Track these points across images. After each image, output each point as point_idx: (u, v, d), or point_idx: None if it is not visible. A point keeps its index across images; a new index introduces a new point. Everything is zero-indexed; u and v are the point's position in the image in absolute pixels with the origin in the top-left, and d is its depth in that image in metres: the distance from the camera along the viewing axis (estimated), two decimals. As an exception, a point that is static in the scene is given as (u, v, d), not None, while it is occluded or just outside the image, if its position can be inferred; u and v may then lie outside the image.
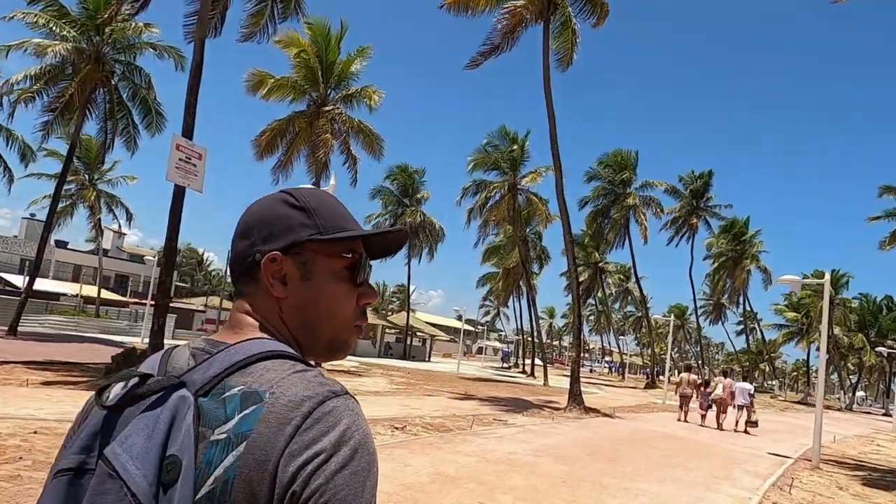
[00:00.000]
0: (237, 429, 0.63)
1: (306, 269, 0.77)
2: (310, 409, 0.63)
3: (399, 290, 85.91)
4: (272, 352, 0.70)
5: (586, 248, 50.35)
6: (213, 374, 0.67)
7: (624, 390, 34.05)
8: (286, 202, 0.78)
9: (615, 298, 65.69)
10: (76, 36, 20.42)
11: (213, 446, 0.62)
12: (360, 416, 0.67)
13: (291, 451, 0.62)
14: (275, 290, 0.76)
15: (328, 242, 0.77)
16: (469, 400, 17.01)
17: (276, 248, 0.76)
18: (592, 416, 15.21)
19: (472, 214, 30.26)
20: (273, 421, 0.63)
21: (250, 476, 0.61)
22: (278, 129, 24.18)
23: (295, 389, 0.65)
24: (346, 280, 0.78)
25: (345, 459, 0.62)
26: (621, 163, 40.08)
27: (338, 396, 0.66)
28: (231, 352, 0.70)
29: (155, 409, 0.65)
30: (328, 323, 0.78)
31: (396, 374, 25.11)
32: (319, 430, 0.63)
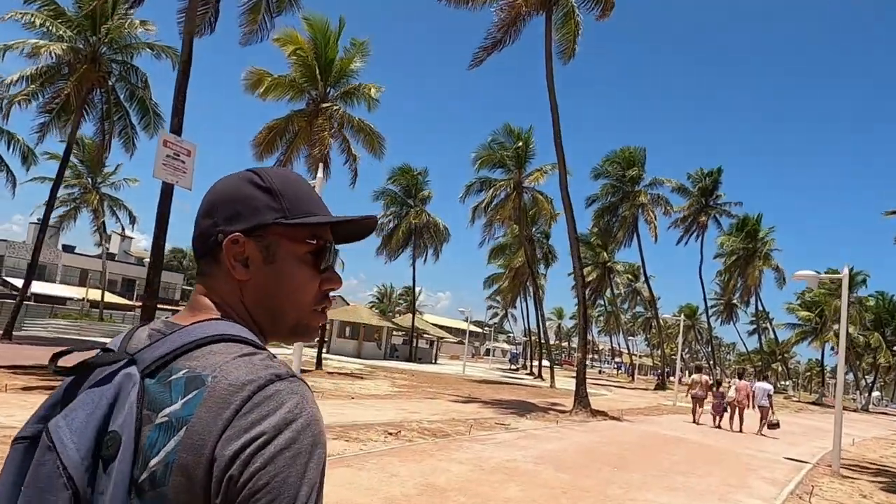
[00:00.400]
0: (179, 413, 0.62)
1: (269, 252, 0.75)
2: (250, 393, 0.62)
3: (406, 292, 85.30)
4: (221, 335, 0.69)
5: (594, 248, 49.70)
6: (161, 355, 0.66)
7: (633, 392, 33.36)
8: (252, 182, 0.76)
9: (624, 299, 64.89)
10: (72, 36, 20.16)
11: (156, 429, 0.62)
12: (305, 399, 0.65)
13: (229, 435, 0.61)
14: (236, 273, 0.74)
15: (293, 227, 0.75)
16: (472, 403, 16.49)
17: (239, 229, 0.74)
18: (599, 420, 14.63)
19: (476, 213, 29.73)
20: (212, 405, 0.62)
21: (188, 460, 0.60)
22: (277, 129, 23.81)
23: (237, 373, 0.64)
24: (310, 265, 0.77)
25: (286, 442, 0.61)
26: (629, 159, 39.41)
27: (281, 380, 0.64)
28: (183, 333, 0.69)
29: (102, 385, 0.65)
30: (290, 307, 0.77)
31: (400, 376, 24.63)
32: (259, 414, 0.61)
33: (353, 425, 9.97)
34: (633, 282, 62.89)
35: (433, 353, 46.02)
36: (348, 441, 8.48)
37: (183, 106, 12.80)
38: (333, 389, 16.13)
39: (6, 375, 11.40)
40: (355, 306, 39.87)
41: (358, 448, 8.04)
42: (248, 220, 0.74)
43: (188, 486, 0.60)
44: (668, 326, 67.17)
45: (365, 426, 10.02)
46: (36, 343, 19.76)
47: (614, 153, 40.14)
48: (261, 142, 23.69)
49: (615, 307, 57.09)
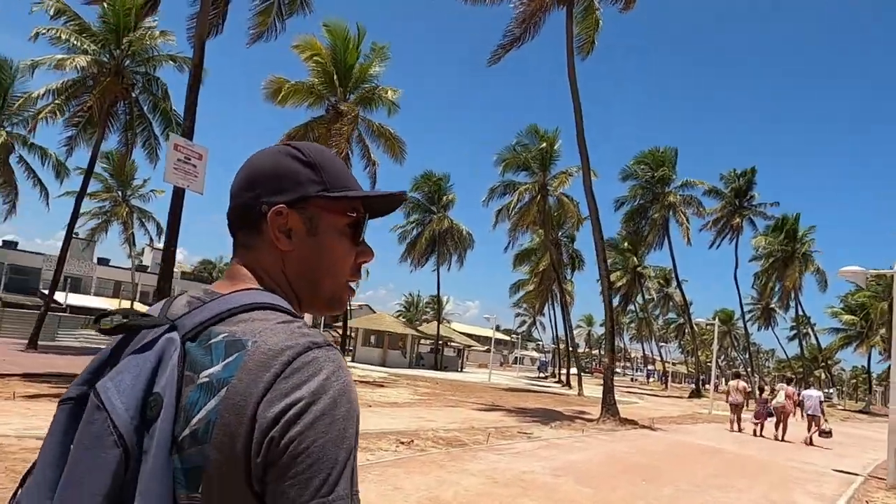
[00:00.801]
0: (220, 374, 0.64)
1: (312, 224, 0.77)
2: (290, 358, 0.64)
3: (433, 301, 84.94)
4: (261, 303, 0.71)
5: (623, 252, 48.47)
6: (201, 321, 0.68)
7: (666, 400, 32.13)
8: (293, 157, 0.78)
9: (655, 304, 63.15)
10: (96, 49, 20.46)
11: (197, 389, 0.64)
12: (341, 367, 0.67)
13: (270, 398, 0.62)
14: (280, 243, 0.76)
15: (335, 200, 0.78)
16: (494, 411, 15.87)
17: (284, 201, 0.76)
18: (628, 428, 13.85)
19: (499, 217, 29.14)
20: (253, 368, 0.63)
21: (229, 420, 0.62)
22: (297, 137, 23.73)
23: (276, 339, 0.66)
24: (349, 237, 0.80)
25: (324, 408, 0.63)
26: (659, 160, 38.21)
27: (319, 347, 0.67)
28: (222, 301, 0.71)
29: (146, 350, 0.68)
30: (329, 278, 0.79)
31: (423, 384, 24.12)
32: (299, 379, 0.63)
33: (365, 434, 9.50)
34: (664, 286, 61.20)
35: (459, 362, 45.36)
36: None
37: (194, 110, 12.67)
38: (352, 397, 15.73)
39: (21, 384, 11.33)
40: (380, 314, 39.59)
41: (364, 458, 7.57)
42: (291, 193, 0.76)
43: (230, 444, 0.62)
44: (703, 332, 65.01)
45: (377, 435, 9.55)
46: (60, 352, 19.93)
47: (643, 154, 39.05)
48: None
49: (646, 313, 55.49)
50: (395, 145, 24.98)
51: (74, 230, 45.60)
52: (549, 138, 27.28)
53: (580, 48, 17.91)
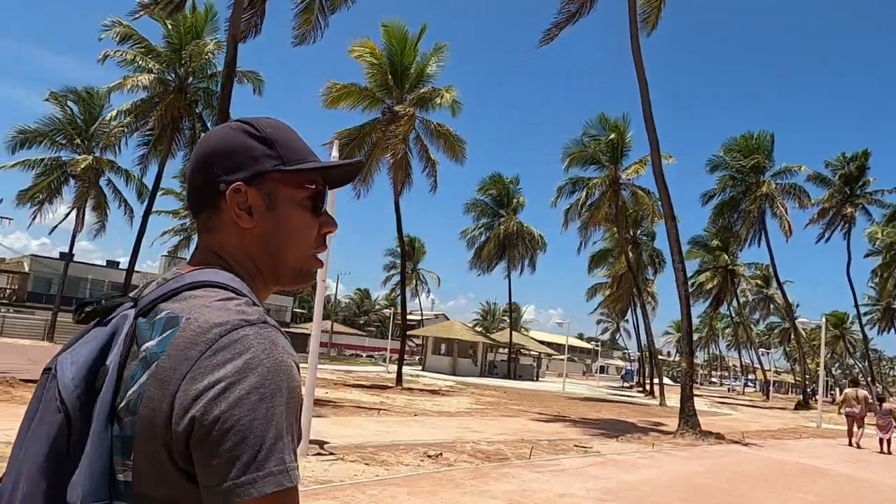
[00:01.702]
0: (154, 349, 0.65)
1: (270, 199, 0.77)
2: (217, 336, 0.64)
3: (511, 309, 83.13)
4: (206, 281, 0.71)
5: (712, 251, 44.60)
6: (153, 298, 0.70)
7: (768, 412, 28.70)
8: (247, 132, 0.78)
9: (754, 307, 57.81)
10: (160, 68, 21.25)
11: (138, 363, 0.65)
12: (274, 344, 0.65)
13: (193, 375, 0.62)
14: (241, 221, 0.76)
15: (291, 173, 0.77)
16: (557, 422, 14.39)
17: (241, 178, 0.75)
18: (711, 443, 11.91)
19: (569, 216, 27.39)
20: (181, 345, 0.64)
21: (154, 394, 0.63)
22: (357, 140, 23.47)
23: (208, 316, 0.66)
24: (309, 209, 0.79)
25: (251, 386, 0.61)
26: (751, 147, 34.43)
27: (251, 325, 0.65)
28: (178, 279, 0.72)
29: (104, 325, 0.71)
30: (293, 251, 0.79)
31: (490, 393, 22.89)
32: (223, 357, 0.63)
33: (392, 445, 8.54)
34: (763, 287, 55.92)
35: (535, 370, 43.49)
36: (369, 464, 7.04)
37: (227, 109, 12.42)
38: (402, 406, 14.85)
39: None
40: (450, 322, 38.70)
41: (375, 473, 6.58)
42: (248, 169, 0.75)
43: (153, 417, 0.62)
44: (812, 337, 58.61)
45: (406, 447, 8.55)
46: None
47: (734, 140, 35.26)
48: (341, 157, 23.48)
49: (742, 317, 50.68)
50: (454, 145, 24.12)
51: (163, 249, 48.04)
52: (618, 127, 25.28)
53: (644, 22, 16.24)
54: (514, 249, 38.33)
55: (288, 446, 0.63)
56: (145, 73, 20.51)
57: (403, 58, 22.22)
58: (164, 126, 21.10)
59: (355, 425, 10.41)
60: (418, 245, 57.46)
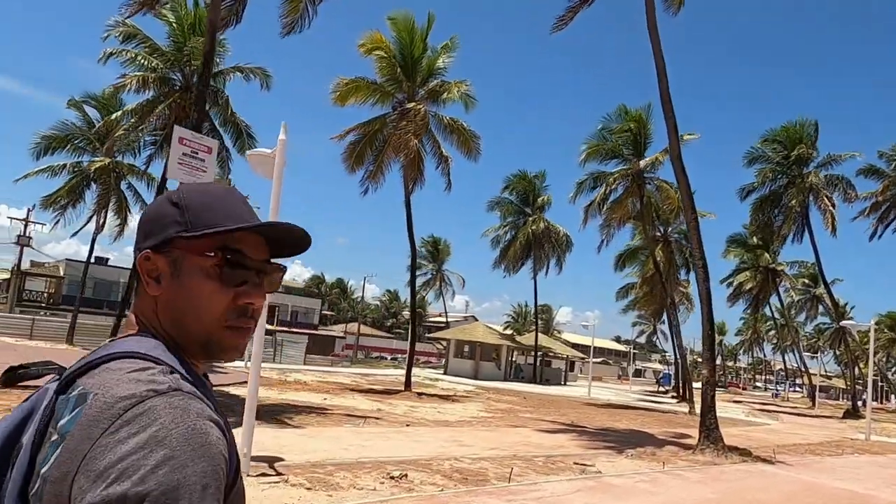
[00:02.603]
0: (63, 429, 0.62)
1: (176, 266, 0.75)
2: (121, 410, 0.60)
3: (542, 311, 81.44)
4: (122, 352, 0.69)
5: (752, 249, 42.17)
6: (72, 371, 0.68)
7: (812, 421, 26.60)
8: (169, 199, 0.78)
9: (800, 307, 54.64)
10: (164, 67, 21.02)
11: (51, 445, 0.63)
12: (185, 412, 0.61)
13: (93, 455, 0.58)
14: (149, 288, 0.76)
15: (195, 239, 0.75)
16: (566, 432, 13.22)
17: (149, 245, 0.76)
18: (733, 461, 10.55)
19: (589, 212, 25.97)
20: (85, 423, 0.61)
21: (57, 477, 0.60)
22: (367, 137, 22.77)
23: (115, 390, 0.62)
24: (216, 278, 0.75)
25: (158, 460, 0.57)
26: (793, 137, 32.14)
27: (159, 395, 0.62)
28: (101, 349, 0.71)
29: (26, 401, 0.70)
30: (196, 321, 0.75)
31: (507, 399, 21.77)
32: (128, 432, 0.59)
33: (355, 463, 7.65)
34: (810, 287, 52.80)
35: (563, 374, 41.98)
36: (314, 488, 6.16)
37: (204, 101, 11.81)
38: (400, 414, 13.95)
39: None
40: (473, 325, 37.61)
41: (312, 500, 5.69)
42: (157, 237, 0.75)
43: (57, 502, 0.59)
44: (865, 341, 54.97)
45: (372, 465, 7.64)
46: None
47: (774, 131, 33.04)
48: (350, 154, 22.82)
49: (787, 319, 47.83)
50: (468, 141, 23.14)
51: None
52: (639, 118, 23.78)
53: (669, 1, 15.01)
54: (541, 249, 37.05)
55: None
56: (148, 71, 20.29)
57: (413, 50, 21.41)
58: (170, 126, 20.82)
59: (328, 437, 9.56)
60: (443, 246, 56.58)
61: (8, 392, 10.12)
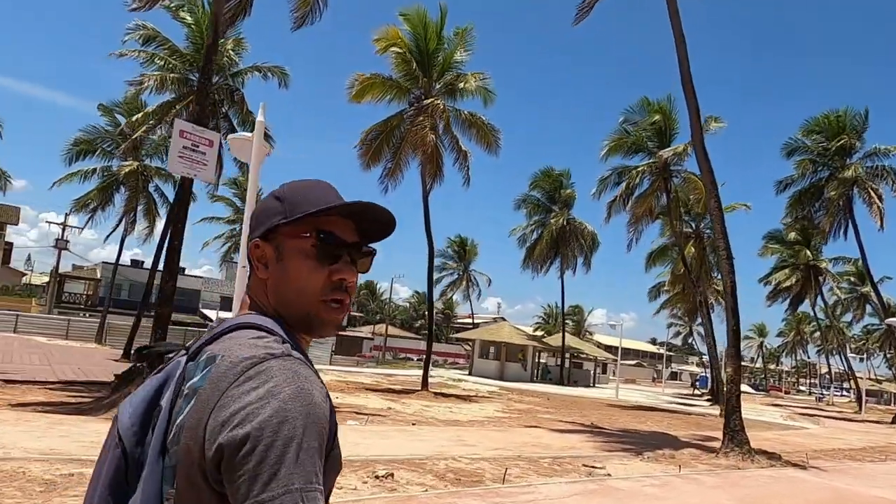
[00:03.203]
0: (195, 384, 0.74)
1: (279, 251, 0.86)
2: (245, 368, 0.72)
3: (572, 311, 79.94)
4: (242, 323, 0.80)
5: (791, 245, 40.25)
6: (200, 343, 0.81)
7: (857, 425, 25.06)
8: (273, 195, 0.89)
9: (845, 308, 51.98)
10: (182, 68, 21.20)
11: (183, 399, 0.75)
12: (296, 374, 0.72)
13: (222, 403, 0.70)
14: (259, 272, 0.87)
15: (291, 224, 0.85)
16: (582, 433, 12.59)
17: (258, 234, 0.87)
18: (760, 466, 9.75)
19: (613, 209, 25.08)
20: (215, 378, 0.73)
21: (192, 424, 0.71)
22: (384, 134, 22.52)
23: (239, 353, 0.74)
24: (313, 258, 0.84)
25: (272, 411, 0.67)
26: (836, 127, 30.27)
27: (275, 358, 0.73)
28: (222, 325, 0.82)
29: (159, 372, 0.81)
30: (298, 298, 0.84)
31: (530, 400, 21.16)
32: (249, 386, 0.70)
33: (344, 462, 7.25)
34: (857, 285, 50.15)
35: (592, 376, 40.92)
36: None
37: (206, 94, 11.69)
38: (411, 413, 13.55)
39: (43, 391, 10.98)
40: (499, 325, 36.95)
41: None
42: (263, 227, 0.87)
43: (191, 445, 0.70)
44: (917, 342, 51.85)
45: (362, 463, 7.27)
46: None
47: (814, 120, 31.13)
48: (366, 151, 22.61)
49: (831, 319, 45.48)
50: (487, 135, 22.64)
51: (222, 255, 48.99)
52: (662, 109, 22.81)
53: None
54: (567, 247, 36.15)
55: (308, 467, 0.66)
56: (166, 71, 20.47)
57: (428, 44, 21.05)
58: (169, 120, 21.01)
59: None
60: (470, 246, 56.01)
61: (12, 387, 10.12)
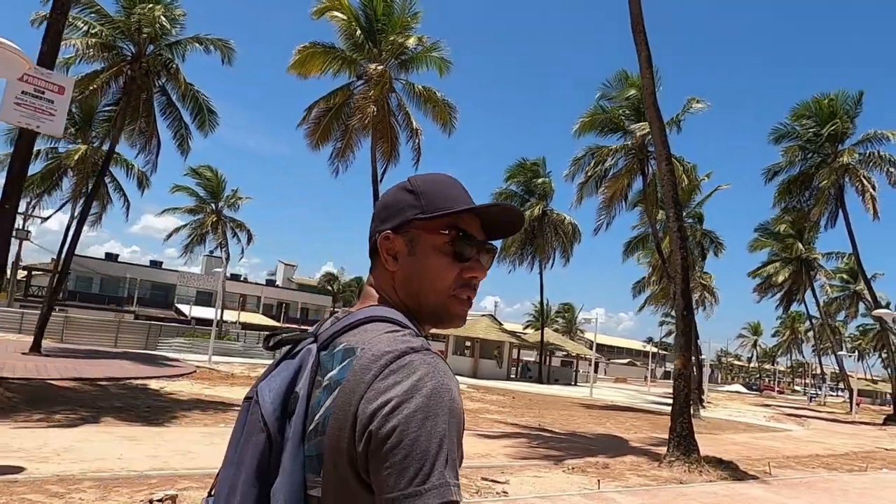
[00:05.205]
0: (336, 377, 0.75)
1: (412, 245, 0.86)
2: (388, 362, 0.73)
3: (564, 310, 78.16)
4: (374, 316, 0.82)
5: (783, 239, 38.47)
6: (331, 333, 0.81)
7: (845, 427, 23.29)
8: (403, 188, 0.89)
9: (838, 306, 50.22)
10: (110, 34, 19.42)
11: (322, 391, 0.76)
12: (436, 369, 0.73)
13: (368, 396, 0.71)
14: (388, 265, 0.87)
15: (429, 220, 0.85)
16: (517, 437, 10.83)
17: (389, 227, 0.87)
18: (709, 478, 7.99)
19: (584, 191, 23.29)
20: (358, 371, 0.73)
21: (339, 415, 0.73)
22: (333, 111, 20.74)
23: (380, 345, 0.75)
24: (448, 254, 0.86)
25: (417, 405, 0.69)
26: (827, 112, 28.31)
27: (416, 352, 0.74)
28: (350, 316, 0.83)
29: (293, 358, 0.83)
30: (430, 293, 0.86)
31: (491, 398, 19.40)
32: (394, 380, 0.71)
33: (127, 479, 5.54)
34: (850, 282, 48.41)
35: (573, 374, 39.15)
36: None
37: (60, 32, 9.90)
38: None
39: None
40: (476, 319, 35.10)
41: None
42: (395, 219, 0.87)
43: (339, 435, 0.72)
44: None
45: (158, 480, 5.54)
46: (72, 356, 18.60)
47: (804, 104, 29.14)
48: (314, 130, 20.83)
49: (823, 316, 43.69)
50: (443, 111, 20.89)
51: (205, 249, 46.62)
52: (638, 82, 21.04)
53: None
54: (544, 239, 34.39)
55: (450, 463, 0.68)
56: (89, 37, 18.67)
57: (375, 8, 19.29)
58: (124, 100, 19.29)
59: (166, 439, 7.45)
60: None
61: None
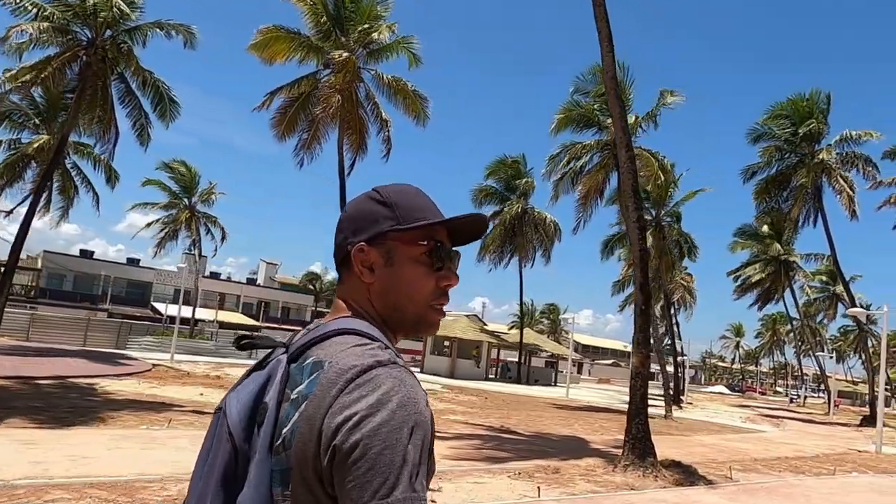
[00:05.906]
0: (303, 391, 0.75)
1: (389, 256, 0.86)
2: (354, 376, 0.72)
3: (550, 310, 77.76)
4: (344, 328, 0.81)
5: (762, 239, 38.35)
6: (301, 344, 0.81)
7: (821, 428, 23.03)
8: (372, 198, 0.89)
9: (817, 308, 50.30)
10: (62, 17, 18.57)
11: (290, 404, 0.75)
12: (402, 382, 0.73)
13: (333, 410, 0.71)
14: (364, 277, 0.86)
15: (406, 231, 0.85)
16: (473, 439, 10.27)
17: (363, 239, 0.86)
18: (663, 483, 7.47)
19: (560, 188, 22.81)
20: (325, 385, 0.73)
21: (304, 430, 0.72)
22: (300, 101, 20.04)
23: (347, 359, 0.75)
24: (425, 265, 0.86)
25: (382, 419, 0.69)
26: (802, 111, 28.23)
27: (382, 366, 0.74)
28: (320, 328, 0.82)
29: (263, 368, 0.82)
30: (410, 303, 0.86)
31: (462, 399, 18.83)
32: (359, 394, 0.71)
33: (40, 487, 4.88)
34: (829, 284, 48.50)
35: (553, 374, 38.73)
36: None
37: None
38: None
39: None
40: (454, 318, 34.52)
41: None
42: (368, 231, 0.86)
43: (304, 450, 0.71)
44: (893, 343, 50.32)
45: (59, 489, 4.87)
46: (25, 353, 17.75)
47: (780, 105, 29.12)
48: (280, 121, 20.12)
49: (801, 318, 43.64)
50: (415, 102, 20.26)
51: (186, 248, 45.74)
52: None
53: None
54: (524, 237, 33.89)
55: (415, 475, 0.68)
56: (41, 20, 17.82)
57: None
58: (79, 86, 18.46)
59: (69, 443, 6.77)
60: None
61: None
